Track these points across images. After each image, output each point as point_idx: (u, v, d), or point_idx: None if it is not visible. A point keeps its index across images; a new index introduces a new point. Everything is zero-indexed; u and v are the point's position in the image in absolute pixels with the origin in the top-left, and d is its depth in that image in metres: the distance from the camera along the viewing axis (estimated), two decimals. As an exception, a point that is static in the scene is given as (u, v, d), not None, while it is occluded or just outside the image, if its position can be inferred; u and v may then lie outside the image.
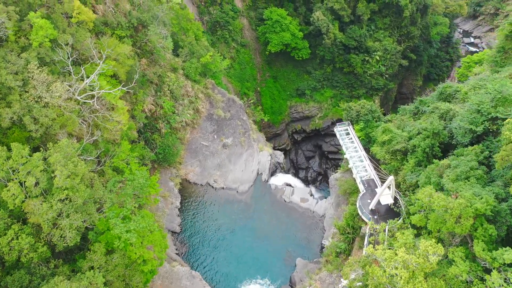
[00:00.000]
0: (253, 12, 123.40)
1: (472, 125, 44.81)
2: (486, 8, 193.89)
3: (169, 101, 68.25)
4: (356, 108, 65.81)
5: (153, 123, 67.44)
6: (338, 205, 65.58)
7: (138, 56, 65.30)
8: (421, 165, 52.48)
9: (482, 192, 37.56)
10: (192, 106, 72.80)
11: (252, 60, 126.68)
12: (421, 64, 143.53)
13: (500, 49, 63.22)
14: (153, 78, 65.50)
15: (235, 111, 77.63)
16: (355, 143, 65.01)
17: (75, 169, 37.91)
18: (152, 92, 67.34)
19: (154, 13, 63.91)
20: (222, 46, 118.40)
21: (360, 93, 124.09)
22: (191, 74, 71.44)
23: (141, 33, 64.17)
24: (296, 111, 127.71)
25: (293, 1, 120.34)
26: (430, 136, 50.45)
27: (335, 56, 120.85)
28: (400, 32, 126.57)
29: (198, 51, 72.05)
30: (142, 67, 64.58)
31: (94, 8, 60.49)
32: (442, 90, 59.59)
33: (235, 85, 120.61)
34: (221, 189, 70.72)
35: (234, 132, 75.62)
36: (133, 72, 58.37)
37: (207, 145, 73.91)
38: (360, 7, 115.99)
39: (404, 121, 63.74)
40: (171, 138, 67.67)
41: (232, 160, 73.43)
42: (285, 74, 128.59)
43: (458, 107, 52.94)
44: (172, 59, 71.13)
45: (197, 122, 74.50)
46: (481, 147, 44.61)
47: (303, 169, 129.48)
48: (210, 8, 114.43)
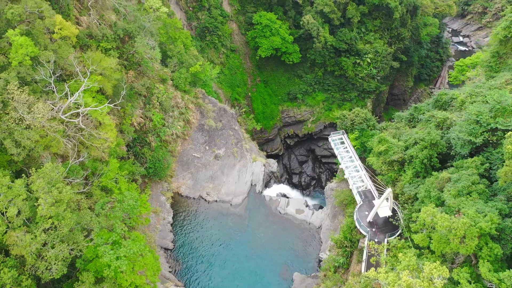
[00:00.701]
0: (242, 17, 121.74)
1: (471, 136, 43.64)
2: (474, 7, 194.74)
3: (158, 113, 66.27)
4: (350, 117, 64.50)
5: (143, 136, 65.40)
6: (335, 216, 64.21)
7: (125, 68, 63.23)
8: (419, 176, 51.31)
9: (485, 209, 36.37)
10: (183, 117, 70.90)
11: (242, 65, 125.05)
12: (412, 65, 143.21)
13: (494, 54, 62.39)
14: (141, 90, 63.47)
15: (226, 120, 75.85)
16: (350, 153, 63.67)
17: (60, 196, 35.88)
18: (141, 104, 65.31)
19: (141, 23, 61.87)
20: (211, 51, 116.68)
21: (352, 96, 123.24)
22: (180, 85, 69.51)
23: (127, 44, 62.11)
24: (288, 116, 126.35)
25: (283, 5, 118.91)
26: (428, 147, 49.23)
27: (326, 60, 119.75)
28: (391, 34, 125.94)
29: (187, 61, 70.13)
30: (130, 80, 62.52)
31: (78, 20, 58.37)
32: (437, 98, 58.50)
33: (226, 91, 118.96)
34: (214, 202, 68.94)
35: (226, 143, 73.85)
36: (120, 86, 56.32)
37: (199, 156, 72.08)
38: (350, 9, 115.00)
39: (400, 129, 62.59)
40: (162, 151, 65.70)
41: (225, 171, 71.66)
42: (276, 79, 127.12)
43: (455, 116, 51.84)
44: (161, 69, 69.15)
45: (188, 133, 72.60)
46: (481, 158, 43.50)
47: (296, 174, 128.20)
48: (198, 14, 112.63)
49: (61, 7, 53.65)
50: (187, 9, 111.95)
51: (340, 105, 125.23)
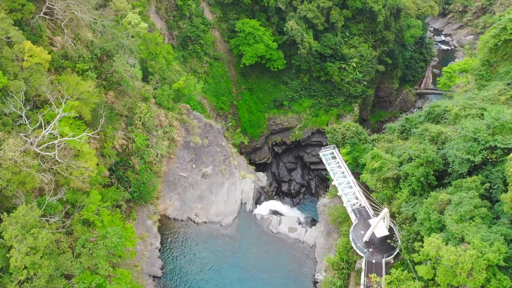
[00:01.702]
0: (224, 24, 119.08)
1: (470, 155, 42.02)
2: (455, 6, 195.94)
3: (141, 133, 63.22)
4: (341, 131, 62.56)
5: (126, 159, 62.29)
6: (329, 234, 62.18)
7: (105, 88, 60.04)
8: (415, 193, 49.61)
9: (490, 236, 34.69)
10: (167, 135, 67.98)
11: (226, 73, 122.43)
12: (397, 67, 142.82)
13: (484, 62, 61.22)
14: (123, 111, 60.38)
15: (213, 136, 73.19)
16: (342, 168, 61.71)
17: (35, 243, 32.83)
18: (123, 125, 62.19)
19: (119, 41, 58.74)
20: (194, 61, 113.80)
21: (338, 102, 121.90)
22: (163, 102, 66.58)
23: (106, 63, 58.95)
24: (275, 123, 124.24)
25: (265, 11, 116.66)
26: (424, 164, 47.52)
27: (312, 65, 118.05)
28: (375, 37, 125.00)
29: (169, 77, 67.21)
30: (110, 101, 59.36)
31: (52, 40, 54.96)
32: (430, 110, 56.94)
33: (211, 100, 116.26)
34: (203, 223, 66.21)
35: (214, 160, 71.18)
36: (100, 109, 53.19)
37: (186, 176, 69.25)
38: (334, 14, 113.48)
39: (393, 142, 60.95)
40: (146, 174, 62.71)
41: (214, 190, 69.00)
42: (261, 86, 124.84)
43: (450, 130, 50.27)
44: (142, 87, 66.11)
45: (174, 151, 69.72)
46: (481, 178, 41.93)
47: (285, 182, 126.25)
48: (179, 22, 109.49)
49: (32, 28, 50.29)
50: (167, 18, 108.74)
51: (327, 111, 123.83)
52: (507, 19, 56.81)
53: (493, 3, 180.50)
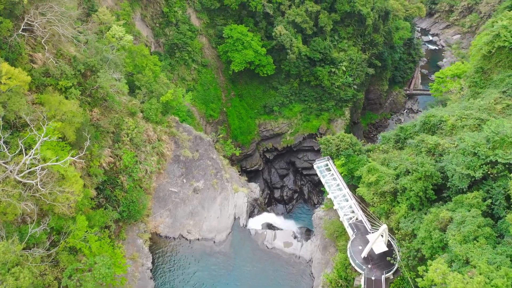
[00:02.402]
0: (212, 30, 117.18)
1: (470, 170, 40.82)
2: (441, 6, 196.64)
3: (129, 150, 60.97)
4: (335, 142, 61.08)
5: (114, 177, 59.96)
6: (325, 248, 60.70)
7: (89, 104, 57.64)
8: (414, 208, 48.37)
9: (496, 258, 33.45)
10: (156, 150, 65.79)
11: (215, 79, 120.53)
12: (386, 69, 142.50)
13: (478, 69, 60.32)
14: (109, 128, 58.07)
15: (203, 149, 71.19)
16: (337, 180, 60.23)
17: (16, 284, 30.62)
18: (109, 142, 59.85)
19: (104, 55, 56.42)
20: (182, 68, 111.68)
21: (329, 106, 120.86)
22: (151, 117, 64.40)
23: (90, 79, 56.56)
24: (266, 129, 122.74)
25: (253, 16, 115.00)
26: (422, 178, 46.27)
27: (301, 70, 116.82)
28: (364, 40, 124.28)
29: (157, 90, 65.05)
30: (95, 118, 56.99)
31: (32, 57, 52.46)
32: (425, 120, 55.72)
33: (200, 107, 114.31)
34: (196, 240, 64.19)
35: (205, 174, 69.17)
36: (85, 128, 50.89)
37: (176, 191, 67.13)
38: (322, 18, 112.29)
39: (388, 152, 59.71)
40: (136, 192, 60.46)
41: (206, 206, 67.01)
42: (251, 92, 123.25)
43: (447, 142, 49.07)
44: (129, 101, 63.82)
45: (163, 166, 67.57)
46: (482, 193, 40.77)
47: (278, 188, 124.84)
48: (165, 30, 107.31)
49: (10, 46, 47.79)
50: (153, 26, 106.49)
51: (318, 116, 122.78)
52: (500, 26, 55.97)
53: (479, 2, 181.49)
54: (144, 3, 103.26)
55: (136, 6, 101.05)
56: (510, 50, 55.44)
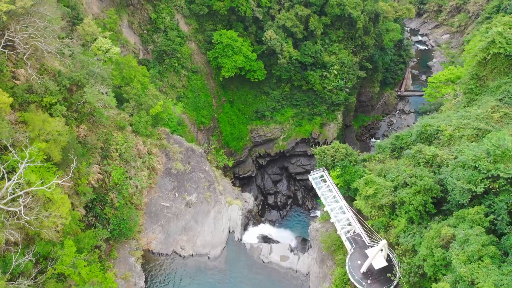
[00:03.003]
0: (201, 35, 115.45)
1: (471, 185, 39.75)
2: (430, 6, 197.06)
3: (118, 166, 58.96)
4: (330, 153, 59.73)
5: (103, 194, 57.93)
6: (323, 261, 59.35)
7: (76, 120, 55.56)
8: (413, 222, 47.22)
9: (503, 279, 32.35)
10: (146, 164, 63.88)
11: (205, 86, 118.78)
12: (377, 71, 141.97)
13: (473, 75, 59.48)
14: (97, 144, 56.05)
15: (195, 161, 69.41)
16: (333, 192, 58.92)
17: (0, 324, 28.71)
18: (98, 158, 57.81)
19: (90, 69, 54.39)
20: (171, 75, 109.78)
21: (321, 110, 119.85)
22: (141, 130, 62.48)
23: (76, 94, 54.48)
24: (258, 135, 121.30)
25: (242, 21, 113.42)
26: (422, 192, 45.14)
27: (292, 75, 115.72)
28: (355, 43, 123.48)
29: (146, 102, 63.12)
30: (82, 134, 54.93)
31: (14, 73, 50.26)
32: (422, 130, 54.62)
33: (190, 114, 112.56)
34: (190, 256, 62.41)
35: (198, 187, 67.42)
36: (71, 146, 48.89)
37: (168, 205, 65.29)
38: (312, 22, 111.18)
39: (385, 162, 58.58)
40: (126, 209, 58.50)
41: (199, 220, 65.26)
42: (242, 97, 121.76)
43: (446, 154, 48.03)
44: (118, 115, 61.81)
45: (154, 180, 65.67)
46: (484, 208, 39.71)
47: (271, 194, 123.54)
48: (154, 36, 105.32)
49: (-10, 63, 45.65)
50: (141, 33, 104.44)
51: (310, 120, 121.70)
52: (495, 32, 55.17)
53: (467, 2, 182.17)
54: (131, 10, 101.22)
55: (123, 13, 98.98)
56: (506, 56, 54.70)
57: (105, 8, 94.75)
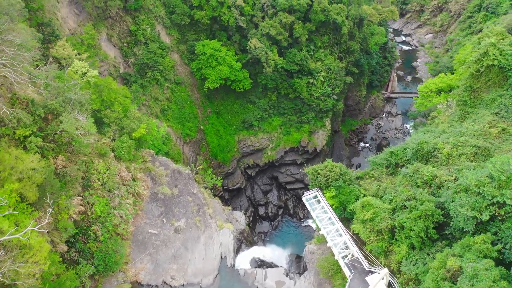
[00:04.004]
0: (183, 46, 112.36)
1: (475, 212, 37.80)
2: (412, 6, 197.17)
3: (101, 196, 55.57)
4: (323, 173, 57.34)
5: (86, 227, 54.52)
6: (320, 285, 56.97)
7: (53, 151, 52.01)
8: (415, 247, 45.18)
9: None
10: (131, 191, 60.59)
11: (190, 97, 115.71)
12: (363, 74, 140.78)
13: (467, 88, 57.85)
14: (77, 175, 52.58)
15: (183, 184, 66.35)
16: (329, 213, 56.59)
17: None
18: (79, 189, 54.33)
19: (66, 96, 50.91)
20: (154, 88, 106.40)
21: (309, 118, 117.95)
22: (124, 156, 59.17)
23: (52, 123, 50.97)
24: (246, 145, 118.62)
25: (225, 30, 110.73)
26: (422, 217, 43.10)
27: (279, 83, 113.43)
28: (340, 49, 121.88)
29: (128, 126, 59.84)
30: (60, 166, 51.42)
31: (-18, 105, 46.50)
32: (418, 147, 52.61)
33: (176, 128, 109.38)
34: (181, 287, 59.32)
35: (186, 212, 64.38)
36: (48, 182, 45.45)
37: (156, 233, 62.11)
38: (297, 28, 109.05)
39: (381, 180, 56.50)
40: (111, 242, 55.13)
41: (189, 247, 62.23)
42: (228, 107, 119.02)
43: (445, 174, 46.08)
44: (98, 141, 58.40)
45: (140, 207, 62.41)
46: (490, 236, 37.80)
47: (262, 205, 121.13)
48: (134, 49, 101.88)
49: (-46, 98, 41.93)
50: (121, 45, 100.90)
51: (298, 128, 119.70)
52: (488, 44, 53.57)
53: (449, 1, 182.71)
54: (109, 23, 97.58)
55: (101, 27, 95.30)
56: (500, 68, 53.20)
57: (82, 23, 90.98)
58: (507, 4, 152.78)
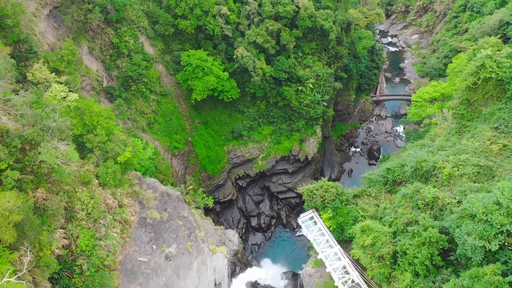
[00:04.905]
0: (168, 56, 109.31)
1: (484, 241, 35.90)
2: (397, 6, 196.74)
3: (86, 227, 52.38)
4: (319, 193, 55.06)
5: (71, 262, 51.27)
6: (320, 311, 54.79)
7: (32, 182, 48.68)
8: (419, 274, 43.18)
9: None
10: (118, 218, 57.51)
11: (176, 108, 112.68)
12: (352, 78, 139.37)
13: (463, 101, 56.17)
14: (59, 207, 49.32)
15: (172, 207, 63.45)
16: (326, 235, 54.33)
17: None
18: (61, 222, 50.99)
19: (44, 124, 47.67)
20: (139, 101, 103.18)
21: (299, 126, 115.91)
22: (109, 182, 56.08)
23: (30, 154, 47.65)
24: (236, 156, 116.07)
25: (211, 39, 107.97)
26: (427, 244, 41.10)
27: (267, 91, 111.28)
28: (329, 54, 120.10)
29: (113, 150, 56.74)
30: (40, 199, 48.13)
31: (-48, 140, 43.11)
32: (417, 166, 50.66)
33: (163, 141, 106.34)
34: (174, 317, 56.62)
35: (177, 237, 61.51)
36: (27, 220, 42.24)
37: (146, 260, 59.11)
38: (284, 35, 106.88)
39: (379, 199, 54.47)
40: (98, 276, 51.96)
41: (181, 274, 59.41)
42: (216, 117, 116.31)
43: (448, 197, 44.15)
44: (81, 167, 55.19)
45: (128, 233, 59.33)
46: (500, 266, 35.93)
47: (254, 216, 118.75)
48: (117, 62, 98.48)
49: None
50: (103, 58, 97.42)
51: (288, 137, 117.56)
52: (484, 56, 51.92)
53: (434, 2, 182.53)
54: (90, 36, 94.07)
55: (82, 40, 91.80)
56: (498, 81, 51.60)
57: (62, 37, 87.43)
58: (492, 4, 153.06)
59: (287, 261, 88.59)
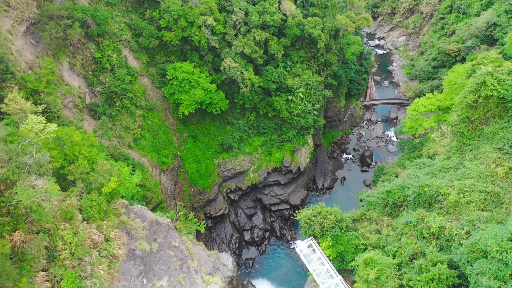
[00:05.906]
0: (153, 69, 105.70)
1: (499, 281, 33.56)
2: (383, 9, 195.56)
3: (70, 267, 48.75)
4: (317, 220, 52.33)
5: (54, 306, 47.64)
6: None
7: (9, 224, 44.95)
8: (428, 310, 40.72)
9: None
10: (105, 253, 53.92)
11: (164, 122, 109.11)
12: (342, 85, 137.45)
13: (464, 119, 54.03)
14: (40, 249, 45.69)
15: (163, 237, 60.03)
16: (326, 265, 51.64)
17: None
18: (43, 263, 47.32)
19: (20, 161, 44.01)
20: (124, 117, 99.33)
21: (291, 136, 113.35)
22: (93, 216, 52.49)
23: (6, 194, 43.92)
24: (227, 169, 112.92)
25: (197, 50, 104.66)
26: (436, 280, 38.69)
27: (257, 102, 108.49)
28: (318, 62, 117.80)
29: (96, 180, 53.19)
30: (18, 242, 44.43)
31: None
32: (419, 191, 48.20)
33: (151, 156, 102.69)
34: None
35: (168, 268, 58.13)
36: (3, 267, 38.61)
37: (136, 296, 55.62)
38: (272, 45, 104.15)
39: (380, 224, 51.96)
40: (85, 320, 48.49)
41: (174, 309, 56.12)
42: (205, 130, 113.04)
43: (455, 227, 41.77)
44: (63, 201, 51.50)
45: (116, 268, 55.72)
46: (516, 306, 33.65)
47: (247, 230, 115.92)
48: (100, 77, 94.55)
49: None
50: (85, 74, 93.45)
51: (280, 148, 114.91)
52: (485, 73, 49.79)
53: (420, 3, 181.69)
54: (71, 51, 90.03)
55: (62, 56, 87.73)
56: (500, 99, 49.54)
57: (40, 54, 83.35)
58: (478, 5, 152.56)
59: (285, 279, 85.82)
